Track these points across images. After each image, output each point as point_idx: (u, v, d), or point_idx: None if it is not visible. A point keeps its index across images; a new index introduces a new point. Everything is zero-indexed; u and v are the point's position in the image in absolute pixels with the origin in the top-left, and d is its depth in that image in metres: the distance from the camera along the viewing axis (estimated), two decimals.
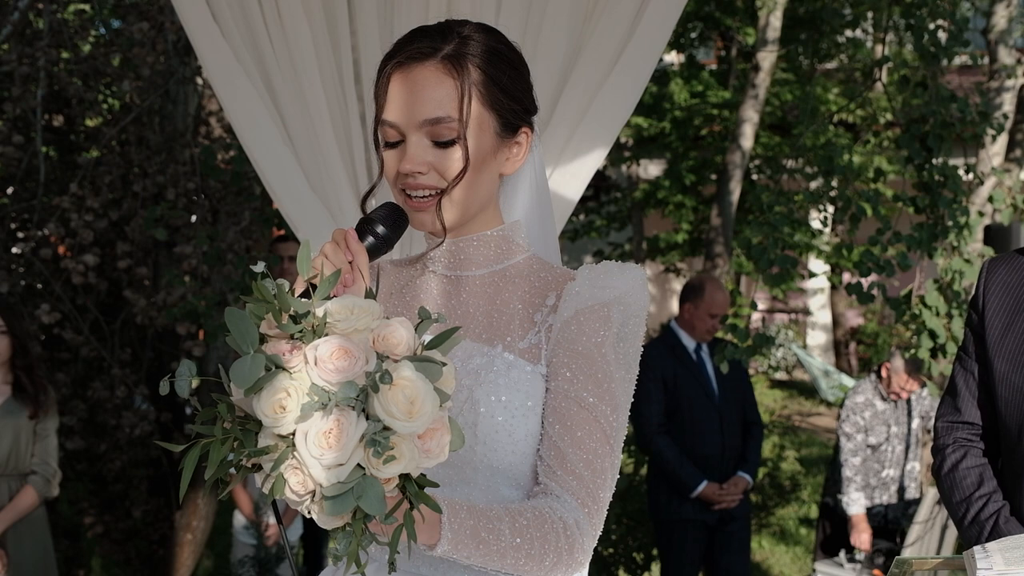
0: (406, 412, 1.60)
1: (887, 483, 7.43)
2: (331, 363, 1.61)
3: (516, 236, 2.19)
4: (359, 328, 1.67)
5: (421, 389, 1.62)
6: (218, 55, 3.70)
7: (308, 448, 1.58)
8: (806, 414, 16.33)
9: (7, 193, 7.58)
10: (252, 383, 1.60)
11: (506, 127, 2.09)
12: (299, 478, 1.61)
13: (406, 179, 2.05)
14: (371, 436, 1.58)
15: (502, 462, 2.03)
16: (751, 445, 6.70)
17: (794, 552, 9.94)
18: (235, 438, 1.64)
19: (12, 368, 5.71)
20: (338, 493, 1.59)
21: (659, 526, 6.73)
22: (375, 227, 2.02)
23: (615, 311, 2.06)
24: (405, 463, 1.61)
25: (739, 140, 13.68)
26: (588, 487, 2.00)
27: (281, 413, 1.60)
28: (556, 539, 1.94)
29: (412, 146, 2.03)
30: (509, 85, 2.08)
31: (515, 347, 2.09)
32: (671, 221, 18.05)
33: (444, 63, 2.02)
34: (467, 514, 1.85)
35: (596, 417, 2.02)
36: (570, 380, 2.03)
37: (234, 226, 6.83)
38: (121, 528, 7.71)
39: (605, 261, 2.14)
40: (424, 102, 2.02)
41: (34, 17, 7.33)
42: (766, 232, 5.77)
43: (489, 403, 2.02)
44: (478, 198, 2.10)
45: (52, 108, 7.62)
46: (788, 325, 20.59)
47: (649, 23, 3.58)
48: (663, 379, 6.48)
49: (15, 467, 5.71)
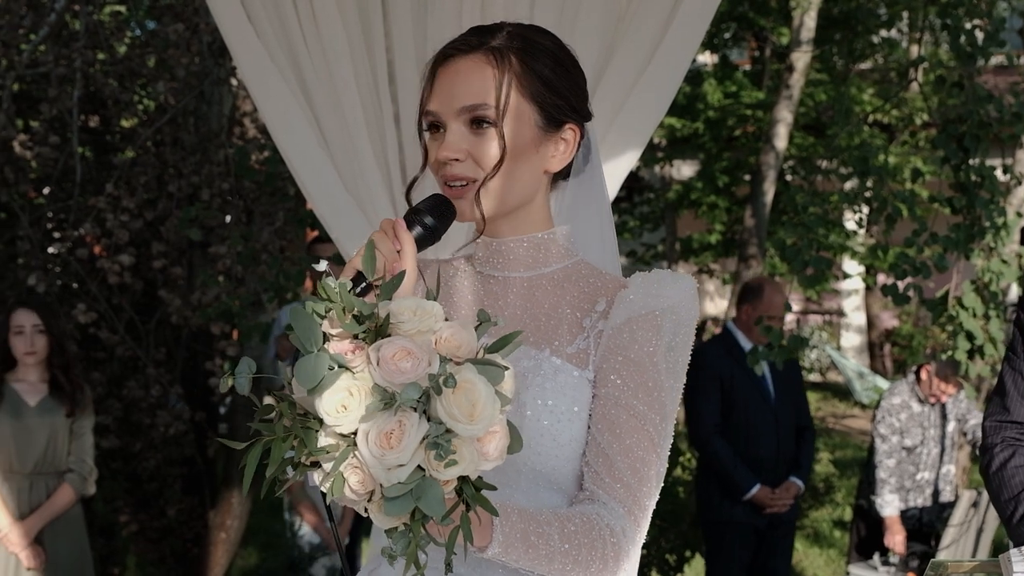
0: (467, 415, 1.61)
1: (922, 486, 7.39)
2: (394, 364, 1.62)
3: (567, 241, 2.19)
4: (422, 330, 1.68)
5: (483, 392, 1.62)
6: (253, 56, 3.71)
7: (369, 448, 1.59)
8: (840, 416, 16.26)
9: (44, 193, 7.62)
10: (316, 382, 1.61)
11: (549, 121, 2.08)
12: (359, 478, 1.63)
13: (444, 167, 2.06)
14: (433, 439, 1.59)
15: (545, 466, 2.04)
16: (804, 450, 6.66)
17: (828, 555, 9.89)
18: (296, 436, 1.65)
19: (49, 367, 5.76)
20: (398, 494, 1.59)
21: (709, 527, 6.71)
22: (423, 217, 2.02)
23: (667, 320, 2.06)
24: (465, 466, 1.62)
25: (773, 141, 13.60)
26: (635, 495, 2.01)
27: (343, 412, 1.61)
28: (603, 546, 1.94)
29: (450, 133, 2.04)
30: (552, 79, 2.07)
31: (563, 351, 2.09)
32: (704, 222, 17.97)
33: (485, 53, 2.04)
34: (518, 517, 1.86)
35: (645, 425, 2.02)
36: (620, 387, 2.03)
37: (268, 226, 6.85)
38: (156, 527, 7.74)
39: (657, 270, 2.14)
40: (462, 90, 2.03)
41: (70, 19, 7.37)
42: (800, 233, 5.75)
43: (535, 407, 2.02)
44: (517, 191, 2.09)
45: (88, 109, 7.66)
46: (822, 327, 20.49)
47: (682, 24, 3.57)
48: (720, 379, 6.46)
49: (52, 465, 5.75)
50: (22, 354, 5.69)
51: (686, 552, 7.52)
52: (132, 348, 7.20)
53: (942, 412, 7.41)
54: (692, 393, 6.65)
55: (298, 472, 1.69)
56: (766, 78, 17.17)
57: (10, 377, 5.73)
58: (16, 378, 5.73)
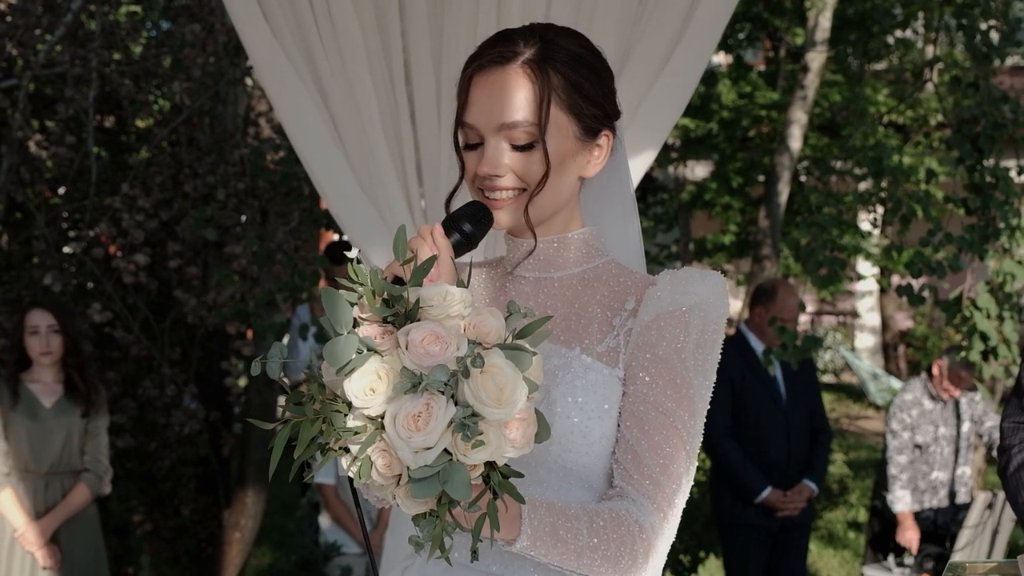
0: (495, 399, 1.62)
1: (936, 486, 7.37)
2: (423, 347, 1.64)
3: (596, 240, 2.20)
4: (451, 315, 1.70)
5: (511, 377, 1.64)
6: (269, 55, 3.73)
7: (397, 430, 1.61)
8: (854, 417, 16.23)
9: (59, 193, 7.64)
10: (344, 363, 1.63)
11: (586, 131, 2.09)
12: (386, 460, 1.64)
13: (484, 181, 2.07)
14: (460, 420, 1.60)
15: (576, 463, 2.04)
16: (818, 452, 6.63)
17: (842, 556, 9.88)
18: (325, 418, 1.67)
19: (64, 367, 5.77)
20: (424, 476, 1.61)
21: (723, 529, 6.71)
22: (461, 224, 2.03)
23: (695, 317, 2.06)
24: (492, 450, 1.63)
25: (787, 141, 13.59)
26: (664, 491, 2.01)
27: (371, 395, 1.63)
28: (632, 542, 1.94)
29: (490, 149, 2.05)
30: (590, 90, 2.08)
31: (593, 350, 2.09)
32: (718, 223, 17.96)
33: (524, 67, 2.04)
34: (547, 511, 1.87)
35: (674, 422, 2.03)
36: (649, 385, 2.04)
37: (283, 226, 6.85)
38: (170, 526, 7.75)
39: (686, 267, 2.15)
40: (503, 106, 2.03)
41: (86, 19, 7.39)
42: (814, 233, 5.74)
43: (566, 404, 2.03)
44: (557, 201, 2.11)
45: (104, 109, 7.68)
46: (836, 327, 20.47)
47: (699, 25, 3.58)
48: (730, 381, 6.44)
49: (68, 465, 5.77)
50: (37, 354, 5.69)
51: (700, 553, 7.51)
52: (147, 348, 7.21)
53: (956, 411, 7.39)
54: None
55: (326, 456, 1.70)
56: (780, 79, 17.14)
57: (26, 377, 5.74)
58: (32, 378, 5.74)
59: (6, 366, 5.86)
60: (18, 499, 5.64)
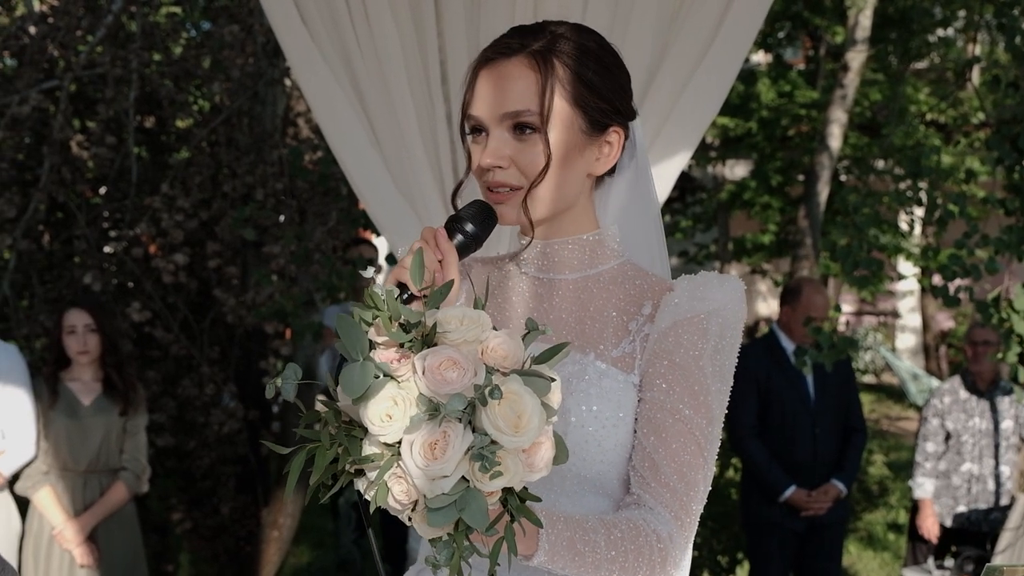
0: (513, 426, 1.60)
1: (969, 480, 7.30)
2: (440, 373, 1.61)
3: (611, 241, 2.17)
4: (468, 339, 1.67)
5: (529, 404, 1.61)
6: (306, 57, 3.74)
7: (413, 458, 1.59)
8: (895, 418, 16.12)
9: (100, 193, 7.69)
10: (361, 391, 1.60)
11: (593, 125, 2.06)
12: (403, 487, 1.62)
13: (487, 174, 2.05)
14: (478, 450, 1.58)
15: (590, 471, 2.03)
16: (849, 453, 6.58)
17: (882, 558, 9.81)
18: (340, 444, 1.65)
19: (103, 366, 5.81)
20: (441, 505, 1.59)
21: (748, 528, 6.70)
22: (464, 225, 2.01)
23: (713, 323, 2.04)
24: (510, 477, 1.61)
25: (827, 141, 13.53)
26: (681, 499, 1.99)
27: (388, 422, 1.60)
28: (650, 552, 1.93)
29: (493, 139, 2.03)
30: (597, 83, 2.05)
31: (608, 356, 2.07)
32: (757, 222, 17.91)
33: (529, 57, 2.02)
34: (564, 525, 1.85)
35: (691, 429, 2.01)
36: (666, 392, 2.02)
37: (321, 226, 6.87)
38: (209, 524, 7.78)
39: (704, 272, 2.13)
40: (506, 95, 2.01)
41: (127, 20, 7.44)
42: (851, 234, 5.70)
43: (580, 413, 2.01)
44: (564, 196, 2.07)
45: (144, 110, 7.73)
46: (877, 328, 20.36)
47: (735, 23, 3.57)
48: (757, 380, 6.42)
49: (106, 463, 5.80)
50: (75, 353, 5.73)
51: (738, 554, 7.48)
52: (187, 347, 7.25)
53: (992, 406, 7.33)
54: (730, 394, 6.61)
55: (343, 479, 1.69)
56: (820, 77, 17.07)
57: (65, 376, 5.78)
58: (71, 377, 5.78)
59: (46, 365, 5.90)
60: (57, 497, 5.68)
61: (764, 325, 19.19)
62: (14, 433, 5.62)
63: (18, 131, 7.11)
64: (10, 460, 5.61)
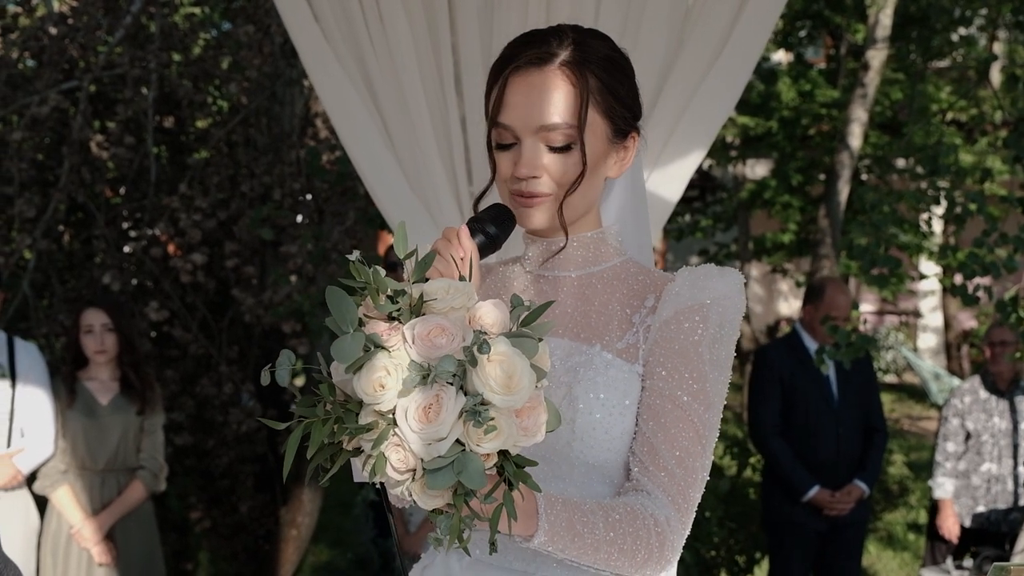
0: (504, 386, 1.63)
1: (989, 480, 7.28)
2: (429, 340, 1.64)
3: (614, 240, 2.22)
4: (455, 307, 1.70)
5: (518, 363, 1.64)
6: (319, 57, 3.75)
7: (408, 423, 1.62)
8: (916, 418, 16.07)
9: (120, 193, 7.73)
10: (353, 360, 1.63)
11: (617, 133, 2.12)
12: (400, 455, 1.64)
13: (520, 183, 2.08)
14: (471, 408, 1.61)
15: (598, 459, 2.06)
16: (871, 454, 6.55)
17: (902, 558, 9.78)
18: (336, 418, 1.68)
19: (120, 365, 5.83)
20: (439, 467, 1.61)
21: (770, 528, 6.70)
22: (485, 226, 2.06)
23: (713, 312, 2.08)
24: (504, 438, 1.64)
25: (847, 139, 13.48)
26: (679, 484, 2.03)
27: (381, 391, 1.63)
28: (648, 535, 1.96)
29: (527, 150, 2.07)
30: (622, 92, 2.11)
31: (613, 347, 2.11)
32: (778, 221, 17.85)
33: (563, 69, 2.05)
34: (562, 507, 1.88)
35: (689, 415, 2.04)
36: (666, 379, 2.05)
37: (339, 226, 6.90)
38: (228, 523, 7.82)
39: (705, 264, 2.17)
40: (542, 108, 2.05)
41: (146, 20, 7.47)
42: (869, 232, 5.69)
43: (588, 400, 2.05)
44: (590, 201, 2.15)
45: (163, 110, 7.76)
46: (899, 327, 20.28)
47: (748, 23, 3.56)
48: (780, 379, 6.42)
49: (123, 462, 5.83)
50: (92, 352, 5.76)
51: (756, 554, 7.47)
52: (205, 346, 7.28)
53: (1011, 406, 7.30)
54: (753, 393, 6.63)
55: (341, 458, 1.72)
56: (841, 76, 17.01)
57: (82, 376, 5.81)
58: (88, 376, 5.81)
59: (64, 364, 5.93)
60: (75, 496, 5.71)
61: (785, 325, 19.15)
62: (33, 431, 5.65)
63: (38, 131, 7.15)
64: (29, 458, 5.64)
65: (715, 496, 7.24)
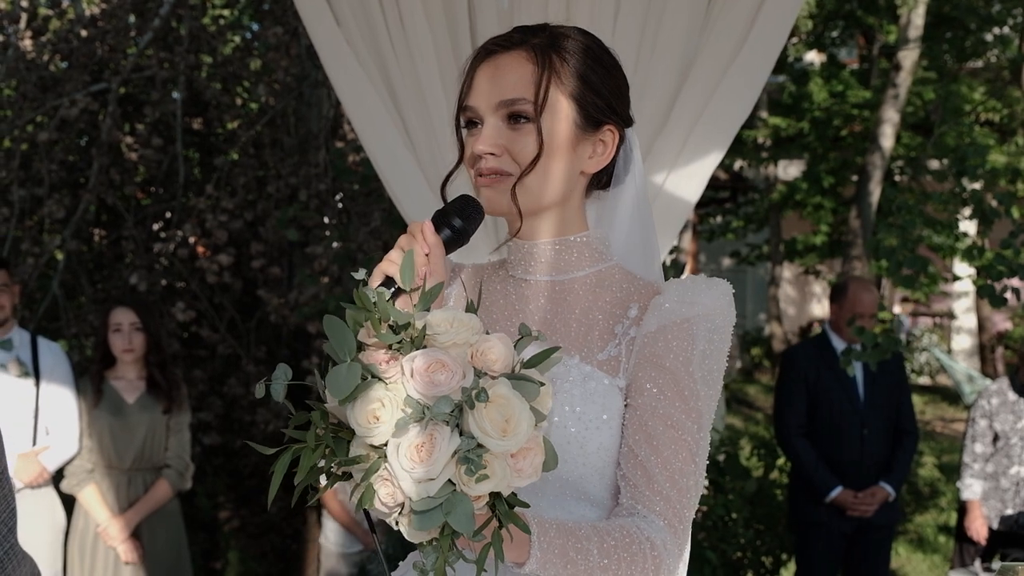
0: (500, 430, 1.59)
1: (1018, 484, 7.23)
2: (428, 376, 1.60)
3: (600, 244, 2.16)
4: (458, 342, 1.66)
5: (517, 408, 1.60)
6: (340, 58, 3.76)
7: (399, 461, 1.58)
8: (948, 420, 15.98)
9: (150, 193, 7.78)
10: (348, 392, 1.60)
11: (588, 121, 2.07)
12: (389, 490, 1.61)
13: (479, 161, 2.05)
14: (464, 453, 1.57)
15: (572, 474, 2.00)
16: (900, 456, 6.51)
17: (932, 560, 9.73)
18: (327, 446, 1.64)
19: (147, 364, 5.87)
20: (427, 508, 1.58)
21: (796, 528, 6.68)
22: (451, 219, 2.01)
23: (701, 327, 2.02)
24: (496, 481, 1.60)
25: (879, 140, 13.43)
26: (674, 507, 1.97)
27: (375, 423, 1.60)
28: (643, 560, 1.90)
29: (487, 127, 2.04)
30: (593, 79, 2.07)
31: (593, 358, 2.05)
32: (809, 223, 17.80)
33: (527, 50, 2.04)
34: (556, 533, 1.83)
35: (683, 436, 1.99)
36: (656, 397, 1.99)
37: (364, 227, 6.92)
38: (256, 523, 7.85)
39: (693, 275, 2.11)
40: (502, 84, 2.03)
41: (176, 23, 7.52)
42: (895, 234, 5.67)
43: (563, 413, 1.99)
44: (553, 189, 2.07)
45: (191, 112, 7.80)
46: (932, 329, 20.18)
47: (767, 22, 3.56)
48: (806, 380, 6.40)
49: (150, 461, 5.86)
50: (120, 351, 5.80)
51: (782, 555, 7.45)
52: (233, 346, 7.32)
53: None
54: (779, 394, 6.61)
55: (330, 482, 1.69)
56: (873, 77, 16.94)
57: (109, 375, 5.85)
58: (115, 375, 5.85)
59: (92, 363, 5.98)
60: (101, 495, 5.75)
61: (817, 326, 19.09)
62: (58, 430, 5.70)
63: (68, 133, 7.21)
64: (54, 456, 5.68)
65: (741, 497, 7.21)
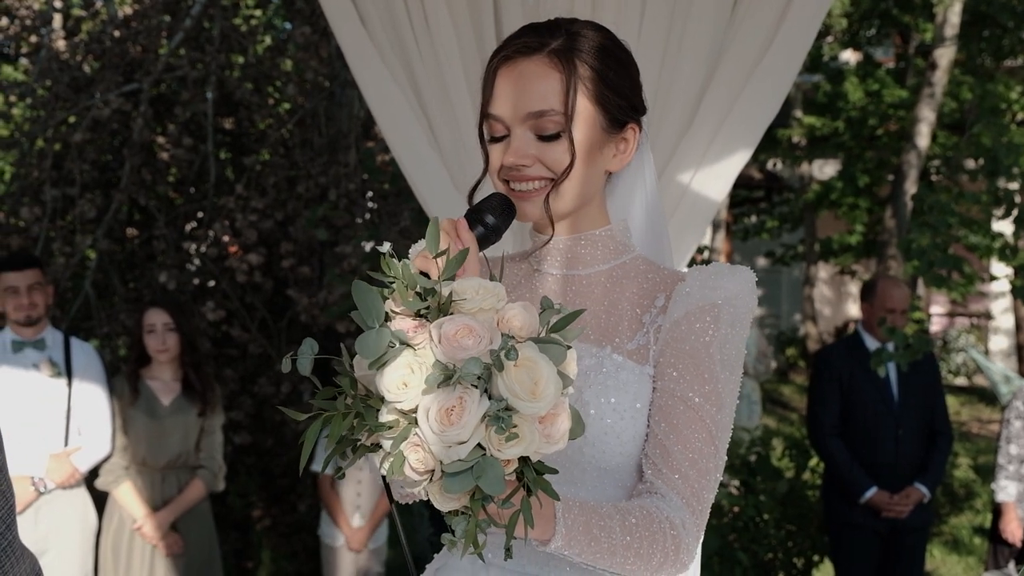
0: (529, 392, 1.60)
1: None
2: (456, 341, 1.62)
3: (623, 236, 2.19)
4: (484, 308, 1.68)
5: (545, 370, 1.62)
6: (365, 58, 3.76)
7: (430, 424, 1.59)
8: (984, 421, 15.86)
9: (184, 190, 7.80)
10: (376, 356, 1.61)
11: (612, 123, 2.08)
12: (419, 455, 1.62)
13: (510, 171, 2.05)
14: (494, 414, 1.58)
15: (610, 464, 2.04)
16: (935, 457, 6.46)
17: (967, 562, 9.65)
18: (356, 413, 1.65)
19: (181, 365, 5.90)
20: (458, 471, 1.59)
21: (830, 529, 6.66)
22: (484, 217, 2.01)
23: (724, 312, 2.05)
24: (525, 445, 1.61)
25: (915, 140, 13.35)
26: (693, 487, 2.01)
27: (404, 389, 1.61)
28: (664, 538, 1.94)
29: (516, 139, 2.04)
30: (616, 81, 2.07)
31: (623, 348, 2.08)
32: (844, 223, 17.71)
33: (551, 57, 2.03)
34: (580, 511, 1.86)
35: (702, 417, 2.02)
36: (677, 380, 2.03)
37: (394, 226, 6.92)
38: (288, 522, 7.86)
39: (716, 263, 2.14)
40: (529, 95, 2.02)
41: (207, 23, 7.54)
42: (926, 234, 5.63)
43: (599, 405, 2.02)
44: (584, 193, 2.10)
45: (223, 112, 7.83)
46: (969, 329, 20.04)
47: (793, 23, 3.54)
48: (840, 380, 6.37)
49: (184, 461, 5.90)
50: (155, 352, 5.83)
51: (814, 556, 7.41)
52: (264, 345, 7.33)
53: None
54: (813, 394, 6.58)
55: (359, 453, 1.70)
56: (909, 75, 16.84)
57: (145, 374, 5.88)
58: (151, 375, 5.88)
59: (127, 363, 6.01)
60: (137, 492, 5.78)
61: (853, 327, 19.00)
62: (90, 430, 5.73)
63: (100, 133, 7.24)
64: (86, 456, 5.71)
65: (773, 498, 7.17)
